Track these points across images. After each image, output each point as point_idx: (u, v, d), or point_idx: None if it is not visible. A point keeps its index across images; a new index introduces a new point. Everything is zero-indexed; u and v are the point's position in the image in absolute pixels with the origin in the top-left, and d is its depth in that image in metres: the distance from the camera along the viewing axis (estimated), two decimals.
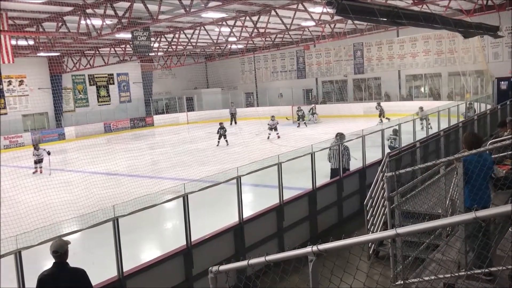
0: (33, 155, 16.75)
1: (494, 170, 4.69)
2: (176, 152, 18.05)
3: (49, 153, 16.63)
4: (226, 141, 20.20)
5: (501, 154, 5.85)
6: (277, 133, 21.95)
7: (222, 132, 20.18)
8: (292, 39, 30.07)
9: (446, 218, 4.88)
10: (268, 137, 21.68)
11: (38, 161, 16.68)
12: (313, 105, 29.28)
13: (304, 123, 26.79)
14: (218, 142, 20.11)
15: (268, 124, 22.12)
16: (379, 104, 25.19)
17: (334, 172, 9.37)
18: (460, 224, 3.86)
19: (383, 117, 23.98)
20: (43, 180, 15.09)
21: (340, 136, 9.95)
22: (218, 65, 37.52)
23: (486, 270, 3.60)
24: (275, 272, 3.50)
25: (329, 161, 9.82)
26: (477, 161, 4.35)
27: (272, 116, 22.61)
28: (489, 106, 18.71)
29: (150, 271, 5.22)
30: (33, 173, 16.37)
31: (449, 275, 3.85)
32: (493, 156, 5.48)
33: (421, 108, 20.54)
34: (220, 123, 20.68)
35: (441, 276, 3.88)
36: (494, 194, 5.27)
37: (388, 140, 12.03)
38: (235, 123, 31.00)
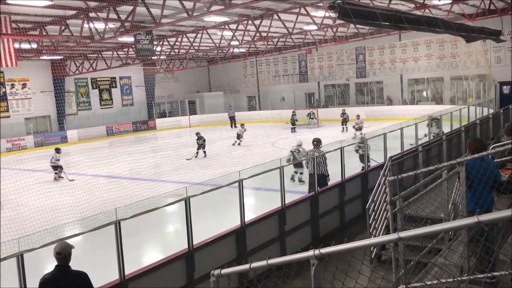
0: (55, 159, 15.69)
1: (498, 174, 4.66)
2: (178, 156, 18.07)
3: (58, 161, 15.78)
4: (204, 152, 18.57)
5: (503, 159, 5.85)
6: (237, 141, 21.18)
7: (200, 143, 18.46)
8: (294, 43, 30.15)
9: (449, 222, 4.88)
10: (234, 144, 21.19)
11: (58, 167, 15.76)
12: (311, 110, 29.25)
13: (309, 124, 27.03)
14: (197, 153, 18.26)
15: (238, 132, 21.55)
16: (344, 112, 24.98)
17: (311, 177, 9.37)
18: (462, 228, 3.85)
19: (346, 125, 24.02)
20: (45, 183, 15.12)
21: (317, 142, 9.90)
22: (220, 68, 37.61)
23: (489, 274, 3.58)
24: (277, 276, 3.49)
25: (307, 167, 9.82)
26: (480, 166, 4.33)
27: (242, 124, 21.99)
28: (491, 111, 18.69)
29: (152, 274, 5.22)
30: (55, 179, 15.55)
31: (451, 280, 3.84)
32: (495, 160, 5.47)
33: (357, 116, 19.99)
34: (197, 133, 18.80)
35: (443, 280, 3.87)
36: (497, 198, 5.25)
37: (356, 151, 11.09)
38: (235, 126, 31.00)
